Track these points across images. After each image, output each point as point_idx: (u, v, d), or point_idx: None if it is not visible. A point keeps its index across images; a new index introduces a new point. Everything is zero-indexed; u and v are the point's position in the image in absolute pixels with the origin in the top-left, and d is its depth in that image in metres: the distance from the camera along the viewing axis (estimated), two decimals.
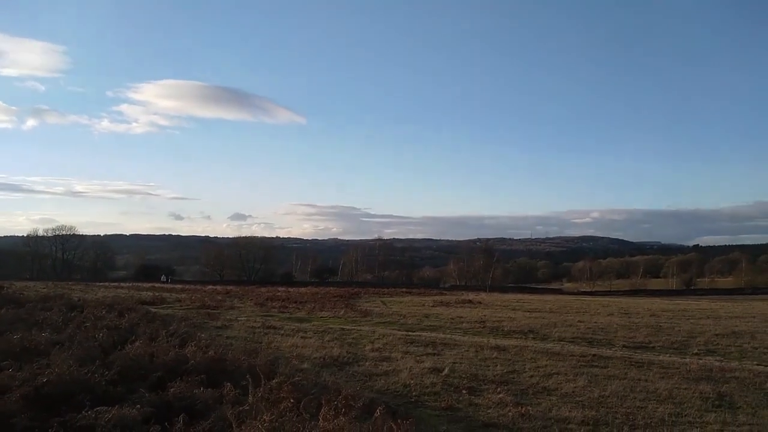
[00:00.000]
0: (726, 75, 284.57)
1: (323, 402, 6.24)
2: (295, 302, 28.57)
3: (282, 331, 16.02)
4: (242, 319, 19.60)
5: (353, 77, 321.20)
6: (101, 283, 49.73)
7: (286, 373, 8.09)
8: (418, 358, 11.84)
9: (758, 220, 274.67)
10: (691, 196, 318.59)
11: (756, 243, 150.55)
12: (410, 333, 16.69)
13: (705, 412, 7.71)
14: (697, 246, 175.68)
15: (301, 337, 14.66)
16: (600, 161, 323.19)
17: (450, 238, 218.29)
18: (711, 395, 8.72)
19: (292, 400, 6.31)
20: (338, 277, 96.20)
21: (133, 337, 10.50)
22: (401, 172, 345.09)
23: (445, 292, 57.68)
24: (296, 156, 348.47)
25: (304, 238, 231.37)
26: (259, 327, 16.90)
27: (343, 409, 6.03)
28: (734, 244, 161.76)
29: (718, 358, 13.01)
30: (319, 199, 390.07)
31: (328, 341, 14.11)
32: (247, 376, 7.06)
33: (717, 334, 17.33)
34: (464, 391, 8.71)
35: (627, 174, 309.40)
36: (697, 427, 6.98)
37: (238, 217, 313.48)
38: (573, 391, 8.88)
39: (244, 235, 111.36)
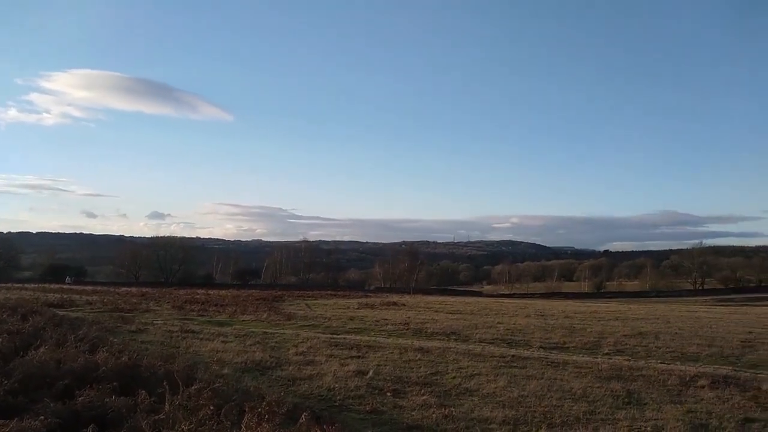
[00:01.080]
0: (635, 88, 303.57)
1: (246, 409, 6.03)
2: (216, 305, 27.71)
3: (201, 335, 15.44)
4: (159, 322, 18.74)
5: (282, 75, 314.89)
6: (4, 284, 46.12)
7: (205, 379, 7.77)
8: (342, 361, 11.74)
9: (663, 228, 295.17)
10: (603, 204, 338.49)
11: (660, 249, 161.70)
12: (335, 336, 16.58)
13: (616, 410, 8.10)
14: (607, 251, 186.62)
15: (222, 342, 14.20)
16: (520, 169, 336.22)
17: (376, 241, 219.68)
18: (621, 393, 9.18)
19: (211, 408, 6.06)
20: (261, 279, 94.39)
21: (38, 343, 9.79)
22: (329, 173, 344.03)
23: (370, 294, 57.90)
24: (221, 154, 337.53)
25: (227, 239, 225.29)
26: (176, 331, 16.21)
27: (267, 416, 5.85)
28: (641, 249, 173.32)
29: (626, 357, 13.75)
30: (244, 199, 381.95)
31: (251, 345, 13.75)
32: (164, 383, 6.69)
33: (625, 335, 18.37)
34: (389, 394, 8.71)
35: (545, 182, 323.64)
36: (609, 424, 7.30)
37: (157, 215, 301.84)
38: (494, 392, 9.09)
39: (162, 234, 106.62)
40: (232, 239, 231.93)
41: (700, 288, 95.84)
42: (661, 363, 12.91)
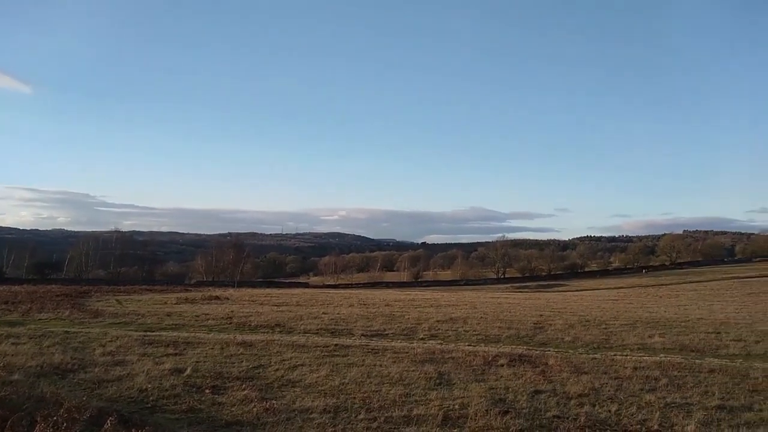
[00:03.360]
0: (448, 89, 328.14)
1: (38, 418, 5.35)
2: (6, 303, 24.31)
3: None
4: None
5: (94, 45, 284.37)
6: None
7: None
8: (157, 359, 11.01)
9: (473, 222, 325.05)
10: (423, 200, 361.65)
11: (470, 242, 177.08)
12: (149, 333, 15.48)
13: (428, 390, 8.69)
14: (425, 243, 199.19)
15: (13, 344, 12.48)
16: (347, 164, 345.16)
17: (199, 232, 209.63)
18: (433, 375, 9.87)
19: None
20: (64, 273, 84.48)
21: None
22: (147, 157, 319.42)
23: (190, 288, 54.90)
24: (14, 130, 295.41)
25: (21, 228, 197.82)
26: None
27: (65, 424, 5.27)
28: (454, 242, 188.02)
29: (439, 341, 14.85)
30: (43, 183, 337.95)
31: (48, 347, 12.28)
32: None
33: (438, 321, 19.80)
34: (207, 391, 8.37)
35: (371, 176, 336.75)
36: (422, 405, 7.80)
37: None
38: (316, 381, 9.20)
39: None
40: (29, 228, 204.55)
41: (503, 276, 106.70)
42: (468, 345, 14.15)
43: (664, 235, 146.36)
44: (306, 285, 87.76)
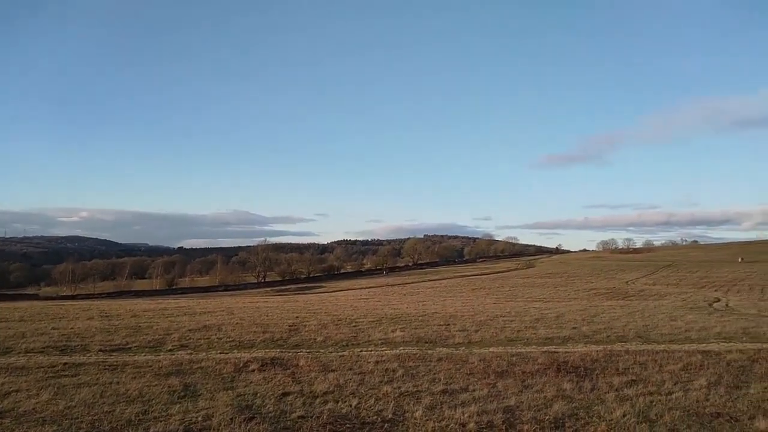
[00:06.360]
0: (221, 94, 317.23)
1: None
2: None
3: None
4: None
5: None
6: None
7: None
8: None
9: (235, 226, 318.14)
10: (180, 202, 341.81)
11: (231, 246, 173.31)
12: None
13: (171, 405, 8.15)
14: (182, 248, 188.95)
15: None
16: (89, 157, 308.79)
17: None
18: (178, 387, 9.30)
19: None
20: None
21: None
22: None
23: None
24: None
25: None
26: None
27: None
28: (214, 246, 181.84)
29: (189, 351, 14.09)
30: None
31: None
32: None
33: (191, 329, 18.81)
34: None
35: (119, 174, 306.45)
36: (161, 421, 7.27)
37: None
38: (34, 408, 7.95)
39: None
40: None
41: (263, 281, 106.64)
42: (220, 353, 13.70)
43: (409, 238, 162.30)
44: (36, 297, 76.27)
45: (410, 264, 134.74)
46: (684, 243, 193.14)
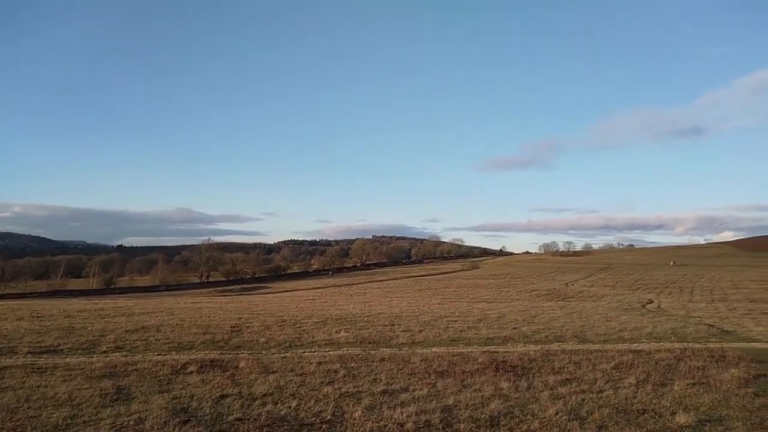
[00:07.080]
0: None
1: None
2: None
3: None
4: None
5: None
6: None
7: None
8: None
9: (178, 224, 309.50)
10: (120, 198, 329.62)
11: (174, 245, 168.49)
12: None
13: (102, 409, 7.86)
14: (121, 246, 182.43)
15: None
16: (22, 152, 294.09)
17: None
18: (110, 390, 8.98)
19: None
20: None
21: None
22: None
23: None
24: None
25: None
26: None
27: None
28: (156, 245, 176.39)
29: (124, 353, 13.62)
30: None
31: None
32: None
33: (127, 330, 18.19)
34: None
35: (54, 168, 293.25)
36: (91, 426, 7.01)
37: None
38: None
39: None
40: None
41: (206, 281, 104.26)
42: (158, 355, 13.30)
43: (358, 239, 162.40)
44: None
45: (358, 264, 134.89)
46: (621, 247, 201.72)
